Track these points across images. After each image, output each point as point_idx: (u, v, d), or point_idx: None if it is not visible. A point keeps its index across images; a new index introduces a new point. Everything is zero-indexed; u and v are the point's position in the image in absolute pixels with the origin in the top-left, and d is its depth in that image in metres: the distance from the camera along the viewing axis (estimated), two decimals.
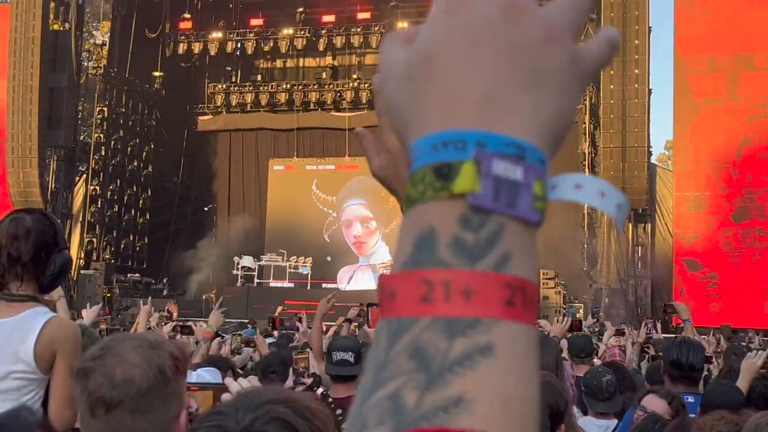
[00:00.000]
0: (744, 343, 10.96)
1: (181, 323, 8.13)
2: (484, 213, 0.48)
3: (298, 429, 1.36)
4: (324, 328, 12.26)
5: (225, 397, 1.94)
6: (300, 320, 9.37)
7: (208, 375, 3.20)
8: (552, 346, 3.41)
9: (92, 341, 3.03)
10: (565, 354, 5.93)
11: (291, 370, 5.05)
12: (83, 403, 1.76)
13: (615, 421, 4.47)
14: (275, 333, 9.68)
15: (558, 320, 5.89)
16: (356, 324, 7.88)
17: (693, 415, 3.79)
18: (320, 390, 4.63)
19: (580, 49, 0.56)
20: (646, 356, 7.80)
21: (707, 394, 3.70)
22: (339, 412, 4.37)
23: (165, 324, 8.24)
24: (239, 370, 5.64)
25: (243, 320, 15.67)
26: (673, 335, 11.40)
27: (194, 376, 3.14)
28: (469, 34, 0.52)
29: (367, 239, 27.20)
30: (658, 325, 13.15)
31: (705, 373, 5.70)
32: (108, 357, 1.76)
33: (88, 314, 5.94)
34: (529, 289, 0.48)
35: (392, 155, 1.30)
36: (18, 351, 2.85)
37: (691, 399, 4.17)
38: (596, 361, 6.76)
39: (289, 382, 4.94)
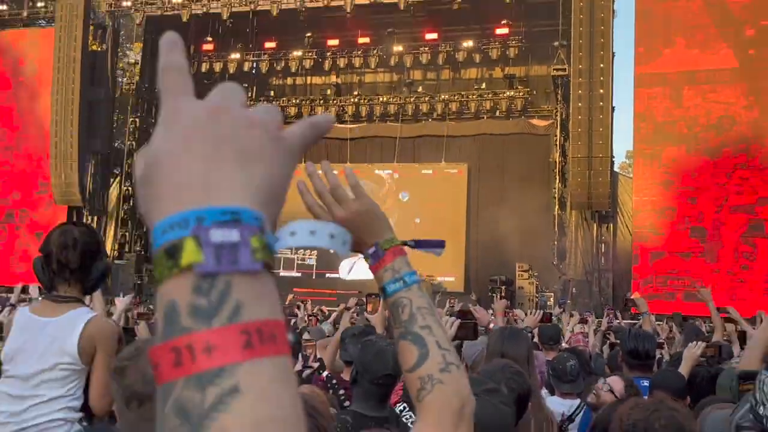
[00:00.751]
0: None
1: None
2: (211, 277, 0.50)
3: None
4: (326, 311, 12.26)
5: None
6: (299, 307, 9.32)
7: None
8: (524, 338, 3.46)
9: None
10: (536, 340, 5.99)
11: (300, 355, 5.07)
12: (119, 397, 1.81)
13: (578, 401, 4.52)
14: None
15: (532, 313, 5.93)
16: (355, 312, 7.90)
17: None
18: (325, 373, 4.66)
19: (284, 131, 0.61)
20: (607, 342, 7.87)
21: (655, 379, 3.77)
22: (341, 392, 4.42)
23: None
24: None
25: None
26: (633, 322, 11.48)
27: None
28: (181, 134, 0.56)
29: None
30: (618, 314, 13.25)
31: (658, 356, 5.75)
32: (141, 357, 1.82)
33: (121, 302, 5.97)
34: (266, 327, 0.50)
35: (345, 221, 1.39)
36: (64, 346, 2.91)
37: (645, 383, 4.23)
38: (563, 345, 6.81)
39: (298, 366, 4.98)
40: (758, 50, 20.31)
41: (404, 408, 2.86)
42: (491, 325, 5.69)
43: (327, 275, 24.88)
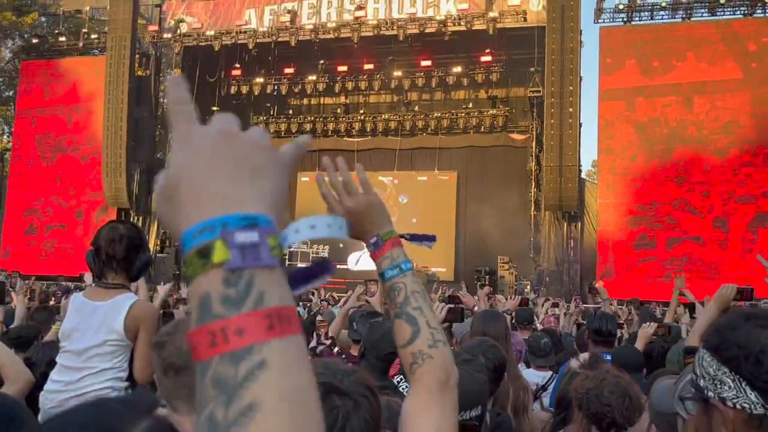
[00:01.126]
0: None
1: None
2: (239, 271, 0.52)
3: (375, 398, 1.41)
4: (336, 297, 12.24)
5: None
6: (313, 294, 9.28)
7: None
8: (502, 320, 3.46)
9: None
10: (514, 321, 5.99)
11: (314, 334, 5.05)
12: (158, 367, 1.81)
13: (550, 373, 4.53)
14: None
15: (511, 298, 5.92)
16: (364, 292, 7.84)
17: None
18: (336, 349, 4.64)
19: (278, 151, 0.63)
20: (575, 323, 7.85)
21: (615, 355, 3.76)
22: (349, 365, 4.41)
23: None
24: None
25: None
26: (596, 306, 11.46)
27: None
28: (198, 157, 0.57)
29: None
30: (581, 300, 13.22)
31: (618, 335, 5.74)
32: (177, 334, 1.82)
33: (162, 290, 5.96)
34: (284, 311, 0.53)
35: (353, 210, 1.36)
36: (112, 325, 2.92)
37: (608, 357, 4.23)
38: (538, 326, 6.79)
39: (313, 343, 4.96)
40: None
41: (401, 379, 2.87)
42: (475, 308, 5.70)
43: (337, 266, 24.86)
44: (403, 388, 2.82)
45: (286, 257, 19.55)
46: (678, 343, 4.12)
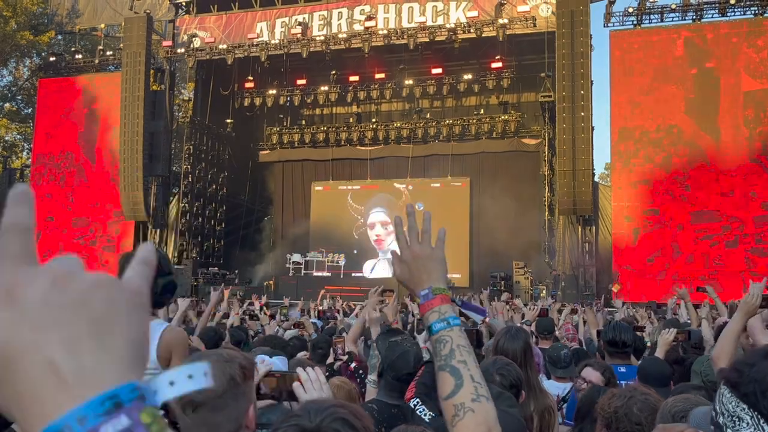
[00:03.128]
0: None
1: (249, 312, 8.06)
2: None
3: (355, 426, 1.38)
4: (353, 306, 12.18)
5: (296, 385, 1.95)
6: (338, 311, 9.25)
7: (279, 363, 3.20)
8: (522, 336, 3.39)
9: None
10: (533, 330, 5.90)
11: (331, 349, 5.00)
12: (177, 404, 1.78)
13: (570, 384, 4.45)
14: (320, 314, 9.56)
15: (531, 308, 5.84)
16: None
17: (624, 382, 3.76)
18: (353, 364, 4.57)
19: (125, 278, 0.51)
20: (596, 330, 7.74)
21: (641, 368, 3.66)
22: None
23: (240, 308, 8.22)
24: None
25: (295, 300, 15.57)
26: (612, 309, 11.32)
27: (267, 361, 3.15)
28: (28, 318, 0.44)
29: (385, 238, 27.17)
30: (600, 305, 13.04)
31: (640, 335, 5.61)
32: None
33: (182, 303, 5.96)
34: None
35: (418, 257, 1.40)
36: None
37: (623, 369, 4.14)
38: (557, 333, 6.69)
39: (330, 358, 4.90)
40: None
41: (417, 403, 2.82)
42: (486, 320, 5.63)
43: (353, 275, 24.85)
44: (420, 412, 2.77)
45: (302, 266, 19.41)
46: (704, 353, 4.03)
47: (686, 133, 20.42)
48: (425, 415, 2.77)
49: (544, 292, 20.34)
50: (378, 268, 26.37)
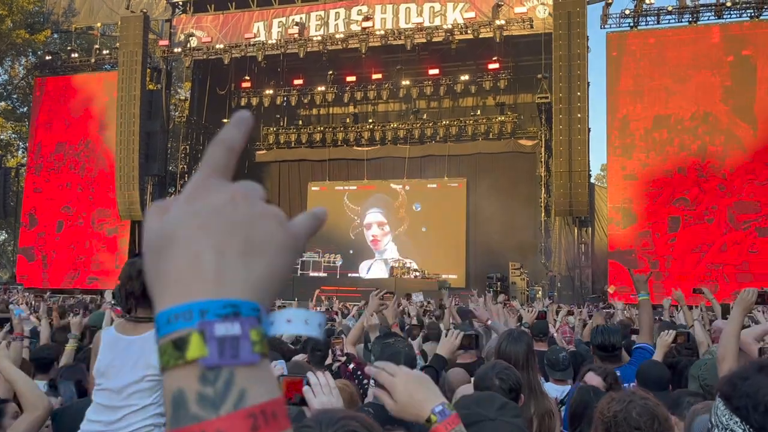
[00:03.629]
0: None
1: None
2: (217, 369, 0.47)
3: None
4: (350, 307, 12.18)
5: (306, 389, 1.97)
6: (337, 314, 9.21)
7: (284, 367, 3.20)
8: (524, 340, 3.41)
9: None
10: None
11: (330, 351, 4.99)
12: None
13: (569, 387, 4.46)
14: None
15: (529, 311, 5.86)
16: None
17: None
18: (351, 365, 4.57)
19: (293, 222, 0.56)
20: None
21: (641, 370, 3.68)
22: (365, 381, 4.36)
23: None
24: (291, 346, 5.58)
25: (290, 301, 15.57)
26: (608, 311, 11.35)
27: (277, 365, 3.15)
28: (200, 218, 0.51)
29: (381, 239, 27.21)
30: (595, 305, 13.10)
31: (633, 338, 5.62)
32: None
33: None
34: (269, 407, 0.48)
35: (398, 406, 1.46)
36: (150, 359, 2.83)
37: (617, 373, 4.15)
38: (554, 334, 6.70)
39: (329, 360, 4.90)
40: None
41: None
42: (489, 322, 5.65)
43: (349, 275, 24.85)
44: None
45: (298, 266, 19.43)
46: (702, 355, 4.05)
47: (686, 133, 20.48)
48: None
49: (540, 293, 20.38)
50: (374, 269, 26.38)
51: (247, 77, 25.84)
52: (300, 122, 28.40)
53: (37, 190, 26.54)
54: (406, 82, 25.28)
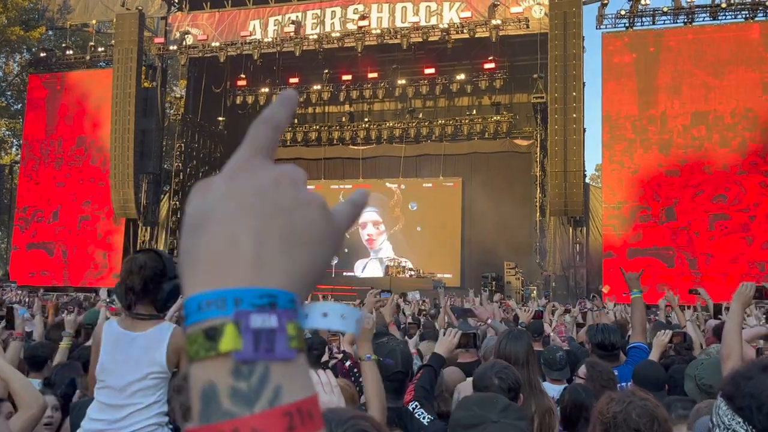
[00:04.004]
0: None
1: None
2: (251, 363, 0.44)
3: None
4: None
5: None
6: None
7: None
8: (525, 339, 3.41)
9: None
10: None
11: (326, 348, 4.99)
12: (179, 410, 1.76)
13: (565, 386, 4.46)
14: None
15: (525, 310, 5.86)
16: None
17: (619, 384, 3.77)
18: (348, 363, 4.57)
19: (334, 210, 0.52)
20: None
21: (638, 371, 3.67)
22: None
23: None
24: None
25: None
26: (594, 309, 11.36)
27: None
28: (240, 198, 0.47)
29: (376, 238, 27.19)
30: (587, 303, 13.09)
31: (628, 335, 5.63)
32: None
33: (174, 306, 5.90)
34: (304, 405, 0.45)
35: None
36: (154, 356, 2.81)
37: (615, 372, 4.15)
38: (551, 334, 6.70)
39: (326, 357, 4.90)
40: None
41: (416, 406, 2.82)
42: (489, 320, 5.65)
43: (344, 273, 24.83)
44: (418, 415, 2.78)
45: None
46: (699, 355, 4.05)
47: (681, 134, 20.51)
48: (424, 418, 2.78)
49: (534, 292, 20.41)
50: (369, 268, 26.37)
51: (243, 75, 25.79)
52: (296, 121, 28.30)
53: (31, 188, 26.42)
54: (402, 81, 25.26)
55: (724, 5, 20.77)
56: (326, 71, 25.71)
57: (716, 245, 19.68)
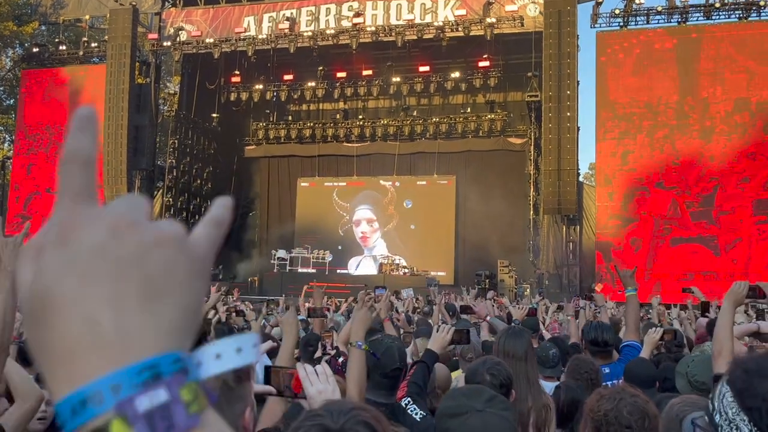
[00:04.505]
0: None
1: (234, 308, 8.00)
2: None
3: (377, 430, 1.38)
4: (337, 303, 12.17)
5: (303, 376, 1.96)
6: (329, 309, 9.16)
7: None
8: (524, 336, 3.42)
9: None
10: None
11: (319, 344, 5.00)
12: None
13: (558, 383, 4.47)
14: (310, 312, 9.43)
15: (520, 307, 5.88)
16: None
17: (609, 382, 3.79)
18: (341, 359, 4.57)
19: (191, 239, 0.45)
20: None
21: (628, 368, 3.69)
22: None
23: (223, 305, 8.14)
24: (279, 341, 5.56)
25: (277, 297, 15.38)
26: (596, 308, 11.39)
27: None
28: (78, 266, 0.40)
29: (370, 235, 27.19)
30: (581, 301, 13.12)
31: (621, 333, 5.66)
32: None
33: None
34: None
35: None
36: None
37: (607, 370, 4.16)
38: (545, 332, 6.71)
39: (318, 353, 4.91)
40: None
41: (409, 402, 2.83)
42: (488, 318, 5.67)
43: (338, 271, 24.83)
44: (411, 411, 2.78)
45: (287, 262, 19.22)
46: (690, 352, 4.07)
47: (675, 132, 20.58)
48: (416, 414, 2.79)
49: (528, 290, 20.46)
50: (363, 265, 26.37)
51: (237, 72, 25.71)
52: (290, 118, 28.29)
53: (23, 183, 26.29)
54: (396, 79, 25.25)
55: (717, 5, 20.84)
56: (321, 68, 25.67)
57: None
